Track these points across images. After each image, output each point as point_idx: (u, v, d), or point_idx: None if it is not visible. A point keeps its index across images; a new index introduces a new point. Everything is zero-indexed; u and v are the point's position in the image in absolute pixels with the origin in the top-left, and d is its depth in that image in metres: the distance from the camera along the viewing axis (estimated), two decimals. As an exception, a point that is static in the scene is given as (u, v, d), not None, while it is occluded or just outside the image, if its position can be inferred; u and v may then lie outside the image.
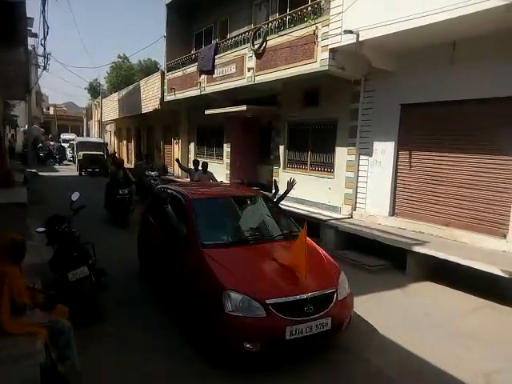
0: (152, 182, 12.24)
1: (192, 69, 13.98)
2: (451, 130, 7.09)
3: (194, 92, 13.92)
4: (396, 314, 5.31)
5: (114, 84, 38.72)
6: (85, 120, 49.26)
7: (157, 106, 17.14)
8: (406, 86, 7.65)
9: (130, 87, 22.91)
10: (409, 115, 7.77)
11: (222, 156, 14.48)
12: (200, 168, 10.01)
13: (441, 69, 7.02)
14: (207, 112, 13.32)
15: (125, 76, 38.47)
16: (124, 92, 24.07)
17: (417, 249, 6.57)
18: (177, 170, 17.59)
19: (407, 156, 7.88)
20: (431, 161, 7.48)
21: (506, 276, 5.37)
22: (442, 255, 6.17)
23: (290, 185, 6.39)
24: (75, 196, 5.54)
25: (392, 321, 5.05)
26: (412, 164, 7.82)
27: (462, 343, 4.51)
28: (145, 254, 6.34)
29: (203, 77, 13.23)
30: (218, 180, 10.27)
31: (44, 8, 5.69)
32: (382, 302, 5.75)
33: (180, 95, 15.05)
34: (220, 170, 14.44)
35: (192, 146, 17.08)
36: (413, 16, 6.12)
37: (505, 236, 6.30)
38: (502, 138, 6.36)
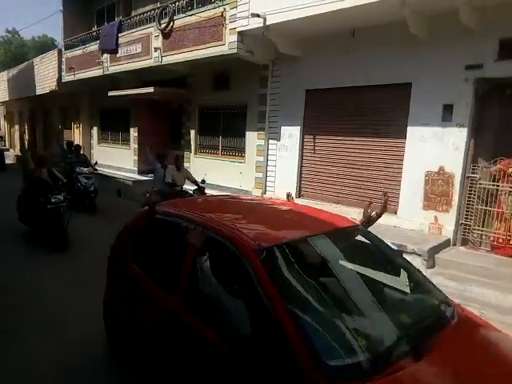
0: (85, 182, 9.74)
1: (93, 47, 12.97)
2: (348, 115, 7.58)
3: (96, 72, 12.95)
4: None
5: (2, 62, 34.39)
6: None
7: (54, 87, 15.58)
8: (311, 71, 7.96)
9: (22, 66, 20.49)
10: (313, 100, 8.12)
11: (129, 141, 13.75)
12: (166, 164, 8.34)
13: (340, 56, 7.42)
14: (111, 94, 12.49)
15: (15, 53, 34.35)
16: (15, 71, 21.46)
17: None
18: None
19: (311, 140, 8.26)
20: (330, 144, 7.95)
21: (395, 248, 5.92)
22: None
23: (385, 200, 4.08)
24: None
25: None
26: (316, 148, 8.21)
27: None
28: (125, 341, 3.44)
29: (106, 56, 12.35)
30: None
31: None
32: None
33: (80, 75, 13.90)
34: (127, 156, 13.72)
35: (95, 130, 15.92)
36: (317, 2, 6.35)
37: (395, 212, 6.95)
38: (391, 122, 6.98)
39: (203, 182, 8.07)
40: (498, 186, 5.85)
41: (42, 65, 16.89)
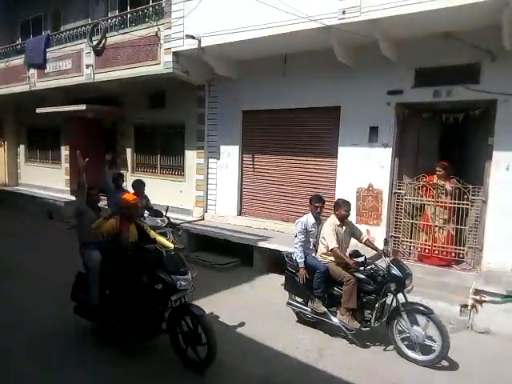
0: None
1: (18, 61, 12.19)
2: (283, 135, 7.88)
3: (21, 88, 12.16)
4: (243, 306, 5.62)
5: None
6: None
7: (-27, 103, 14.38)
8: (246, 93, 8.16)
9: None
10: (250, 121, 8.32)
11: (60, 160, 13.03)
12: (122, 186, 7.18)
13: (274, 79, 7.69)
14: (39, 110, 11.79)
15: None
16: None
17: (260, 244, 7.11)
18: (3, 177, 15.10)
19: (250, 159, 8.44)
20: (268, 163, 8.21)
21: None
22: (279, 247, 6.73)
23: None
24: None
25: (240, 313, 5.31)
26: (254, 166, 8.40)
27: (300, 327, 5.05)
28: None
29: (33, 71, 11.68)
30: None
31: None
32: (232, 295, 6.06)
33: (3, 91, 12.95)
34: (58, 176, 12.99)
35: (22, 149, 14.89)
36: (247, 28, 6.59)
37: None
38: (323, 142, 7.37)
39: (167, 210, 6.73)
40: (421, 200, 6.40)
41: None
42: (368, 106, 6.63)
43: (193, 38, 7.38)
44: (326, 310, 4.70)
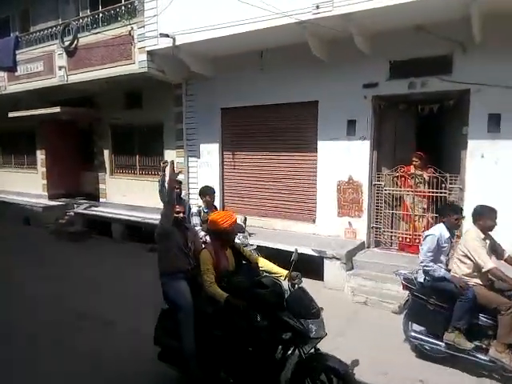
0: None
1: (-14, 64, 11.80)
2: (262, 131, 7.86)
3: (-9, 91, 11.79)
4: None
5: None
6: None
7: None
8: (224, 90, 8.10)
9: None
10: (228, 118, 8.28)
11: (36, 165, 12.71)
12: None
13: (251, 75, 7.65)
14: (11, 114, 11.45)
15: None
16: None
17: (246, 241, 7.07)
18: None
19: (231, 156, 8.41)
20: (248, 159, 8.18)
21: (316, 255, 6.29)
22: (264, 243, 6.74)
23: None
24: None
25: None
26: (235, 164, 8.37)
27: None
28: None
29: (3, 74, 11.33)
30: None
31: None
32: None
33: (-28, 94, 12.53)
34: (34, 181, 12.67)
35: (-5, 154, 14.49)
36: (221, 25, 6.53)
37: (314, 221, 7.36)
38: (302, 137, 7.39)
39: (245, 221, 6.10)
40: (400, 190, 6.51)
41: None
42: (345, 99, 6.68)
43: (167, 36, 7.28)
44: (473, 345, 3.84)
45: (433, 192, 6.18)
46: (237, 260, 3.54)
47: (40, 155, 12.42)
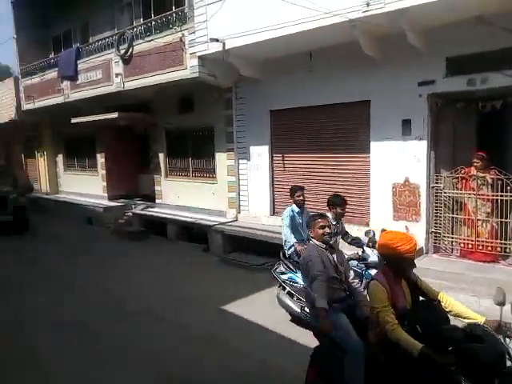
0: None
1: (52, 74, 12.71)
2: (313, 133, 7.74)
3: (57, 99, 12.68)
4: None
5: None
6: None
7: (13, 116, 15.12)
8: (273, 92, 8.09)
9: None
10: (278, 120, 8.27)
11: (97, 167, 13.50)
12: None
13: (301, 76, 7.56)
14: (74, 120, 12.22)
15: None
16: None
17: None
18: (45, 186, 15.84)
19: (280, 158, 8.39)
20: (300, 161, 8.09)
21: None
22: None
23: None
24: None
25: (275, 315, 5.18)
26: (285, 166, 8.34)
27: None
28: None
29: (66, 83, 12.13)
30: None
31: None
32: (268, 298, 5.94)
33: (40, 103, 13.56)
34: (95, 183, 13.47)
35: (60, 158, 15.55)
36: (270, 27, 6.49)
37: (368, 224, 7.14)
38: (354, 138, 7.18)
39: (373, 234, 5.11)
40: (461, 193, 6.14)
41: (-1, 93, 16.36)
42: (399, 98, 6.39)
43: (217, 41, 7.39)
44: None
45: (497, 195, 5.76)
46: (413, 295, 2.75)
47: (100, 158, 13.17)
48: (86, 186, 13.88)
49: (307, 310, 3.48)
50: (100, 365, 4.25)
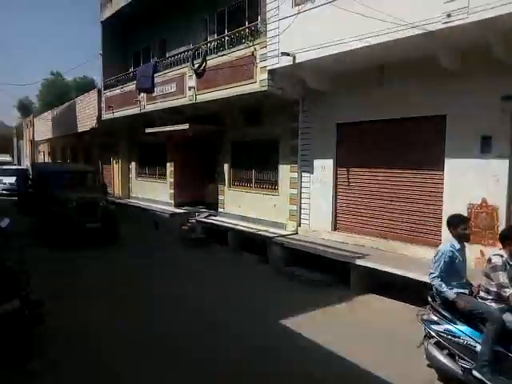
0: None
1: (131, 87, 13.67)
2: (381, 147, 7.51)
3: (133, 110, 13.60)
4: (341, 327, 5.44)
5: (46, 102, 36.72)
6: (15, 140, 45.98)
7: (94, 125, 16.48)
8: (341, 105, 8.01)
9: (65, 105, 21.87)
10: (344, 134, 8.14)
11: (166, 175, 14.19)
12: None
13: (370, 89, 7.43)
14: (148, 130, 13.03)
15: (59, 94, 36.62)
16: (58, 110, 22.92)
17: (358, 262, 6.81)
18: (117, 190, 16.94)
19: (345, 172, 8.22)
20: (367, 176, 7.86)
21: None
22: (381, 267, 6.44)
23: None
24: (4, 223, 5.18)
25: (336, 334, 5.15)
26: (350, 180, 8.15)
27: (405, 353, 4.67)
28: None
29: (143, 95, 12.98)
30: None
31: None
32: (328, 316, 5.86)
33: (119, 113, 14.64)
34: (163, 190, 14.14)
35: (133, 165, 16.58)
36: (343, 40, 6.47)
37: (437, 245, 6.70)
38: (426, 154, 6.85)
39: None
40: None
41: (83, 104, 17.95)
42: (478, 113, 6.01)
43: (288, 54, 7.51)
44: None
45: None
46: None
47: (169, 167, 13.83)
48: (155, 193, 14.63)
49: (476, 374, 3.53)
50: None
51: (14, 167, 28.66)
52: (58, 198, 10.37)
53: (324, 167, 8.50)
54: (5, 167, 25.63)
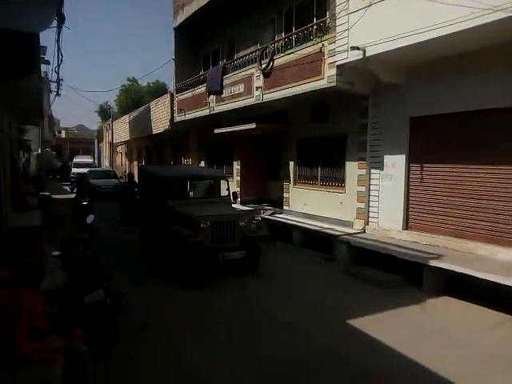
0: None
1: (201, 89, 14.22)
2: (463, 142, 7.03)
3: (203, 112, 14.12)
4: (414, 331, 5.18)
5: (123, 106, 39.46)
6: (96, 142, 50.08)
7: (167, 127, 17.40)
8: (415, 99, 7.66)
9: (141, 109, 23.34)
10: (419, 128, 7.75)
11: (233, 173, 14.55)
12: None
13: (448, 81, 7.02)
14: (217, 131, 13.46)
15: (134, 98, 39.18)
16: (134, 114, 24.53)
17: (433, 263, 6.45)
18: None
19: (419, 169, 7.83)
20: (443, 173, 7.42)
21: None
22: (459, 269, 6.06)
23: None
24: (90, 219, 5.60)
25: (409, 338, 4.93)
26: (424, 176, 7.75)
27: (482, 360, 4.36)
28: None
29: (212, 97, 13.44)
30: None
31: (59, 37, 5.88)
32: (399, 319, 5.60)
33: (189, 115, 15.28)
34: (231, 188, 14.47)
35: (202, 164, 17.22)
36: (418, 30, 6.17)
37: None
38: (504, 148, 6.34)
39: None
40: None
41: (157, 107, 19.02)
42: None
43: (358, 49, 7.35)
44: None
45: None
46: None
47: (236, 166, 14.18)
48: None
49: None
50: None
51: (101, 169, 30.71)
52: (182, 214, 7.54)
53: (395, 163, 8.18)
54: (96, 169, 27.64)
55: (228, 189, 9.15)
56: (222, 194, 9.32)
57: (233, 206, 9.14)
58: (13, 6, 3.64)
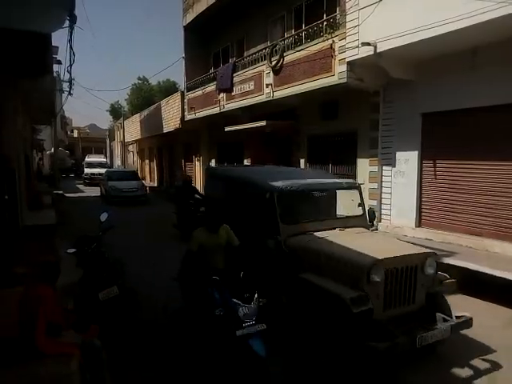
0: None
1: (211, 88, 14.25)
2: (477, 138, 6.93)
3: (213, 110, 14.15)
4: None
5: (134, 105, 39.74)
6: (107, 141, 50.62)
7: (178, 125, 17.48)
8: (426, 94, 7.57)
9: (151, 108, 23.49)
10: (430, 124, 7.67)
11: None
12: None
13: (459, 76, 6.93)
14: (227, 129, 13.48)
15: (145, 97, 39.42)
16: (145, 113, 24.70)
17: (446, 260, 6.38)
18: (199, 187, 17.77)
19: (431, 165, 7.75)
20: (457, 169, 7.33)
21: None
22: (473, 266, 5.98)
23: None
24: (104, 216, 5.66)
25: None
26: (437, 173, 7.67)
27: (504, 358, 4.29)
28: None
29: (222, 95, 13.46)
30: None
31: (71, 37, 5.94)
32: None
33: (200, 114, 15.33)
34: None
35: (213, 162, 17.28)
36: (430, 25, 6.10)
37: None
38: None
39: None
40: None
41: (168, 106, 19.12)
42: None
43: (368, 44, 7.29)
44: None
45: None
46: None
47: (246, 163, 14.17)
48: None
49: None
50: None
51: (120, 169, 30.72)
52: (322, 253, 4.42)
53: (408, 160, 8.10)
54: (114, 169, 27.55)
55: (362, 204, 6.13)
56: (341, 213, 6.42)
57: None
58: (26, 7, 3.70)
